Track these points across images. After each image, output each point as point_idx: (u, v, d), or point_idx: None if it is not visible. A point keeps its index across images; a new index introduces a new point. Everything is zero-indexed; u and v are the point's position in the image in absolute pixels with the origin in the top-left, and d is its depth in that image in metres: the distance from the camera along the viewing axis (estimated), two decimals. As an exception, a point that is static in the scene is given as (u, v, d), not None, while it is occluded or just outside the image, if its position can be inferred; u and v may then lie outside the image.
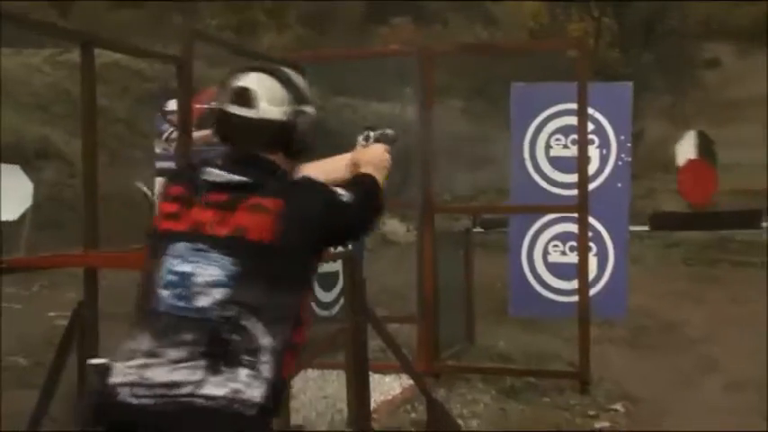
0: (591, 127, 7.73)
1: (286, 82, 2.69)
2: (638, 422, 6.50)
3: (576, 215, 7.14)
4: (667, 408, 6.76)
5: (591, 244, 7.73)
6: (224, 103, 2.65)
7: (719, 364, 8.15)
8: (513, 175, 8.44)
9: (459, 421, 6.30)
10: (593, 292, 7.74)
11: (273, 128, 2.64)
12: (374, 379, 7.05)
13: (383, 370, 6.85)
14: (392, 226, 17.11)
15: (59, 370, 5.00)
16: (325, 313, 7.83)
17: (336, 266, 7.61)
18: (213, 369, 2.27)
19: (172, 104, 10.87)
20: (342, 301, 6.66)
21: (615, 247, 8.11)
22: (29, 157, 14.16)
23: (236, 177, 2.53)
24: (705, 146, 20.81)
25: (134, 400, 2.25)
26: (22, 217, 11.11)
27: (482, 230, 14.85)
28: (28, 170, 11.99)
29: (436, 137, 7.80)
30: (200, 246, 2.43)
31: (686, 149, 20.54)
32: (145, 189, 12.76)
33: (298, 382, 6.98)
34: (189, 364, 2.27)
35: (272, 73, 2.70)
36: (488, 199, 17.54)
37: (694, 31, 33.61)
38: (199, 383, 2.25)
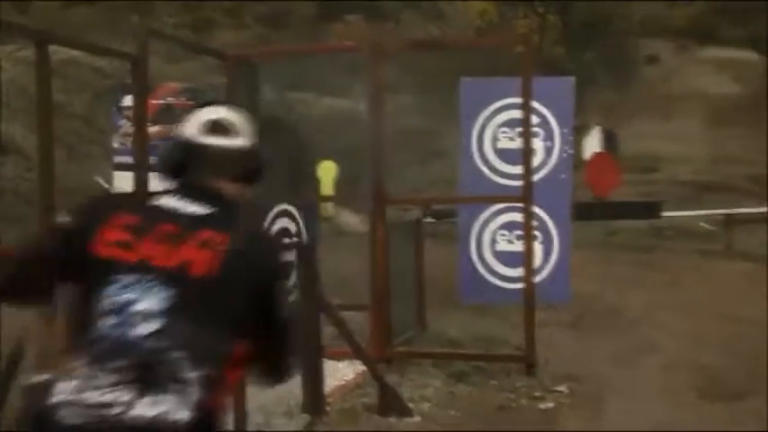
0: (536, 120, 7.87)
1: (244, 114, 2.65)
2: (582, 402, 6.58)
3: (521, 205, 7.19)
4: (609, 387, 6.84)
5: (536, 232, 7.85)
6: (196, 135, 2.57)
7: (658, 346, 8.27)
8: (462, 166, 8.49)
9: (410, 404, 6.33)
10: (538, 278, 7.86)
11: (248, 157, 2.60)
12: (328, 365, 7.07)
13: (337, 356, 6.84)
14: (345, 217, 17.15)
15: (10, 377, 4.82)
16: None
17: (291, 256, 7.60)
18: (141, 392, 2.26)
19: (128, 100, 10.84)
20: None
21: (559, 236, 8.19)
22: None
23: (191, 208, 2.47)
24: (609, 140, 21.31)
25: (69, 420, 2.25)
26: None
27: (432, 221, 14.93)
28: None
29: (388, 131, 7.81)
30: (147, 277, 2.37)
31: (592, 144, 21.08)
32: (103, 183, 12.66)
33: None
34: (119, 387, 2.26)
35: (230, 106, 2.67)
36: (439, 190, 17.61)
37: (635, 30, 34.03)
38: (129, 404, 2.25)
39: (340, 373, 7.03)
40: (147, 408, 2.25)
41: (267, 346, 2.51)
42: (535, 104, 7.67)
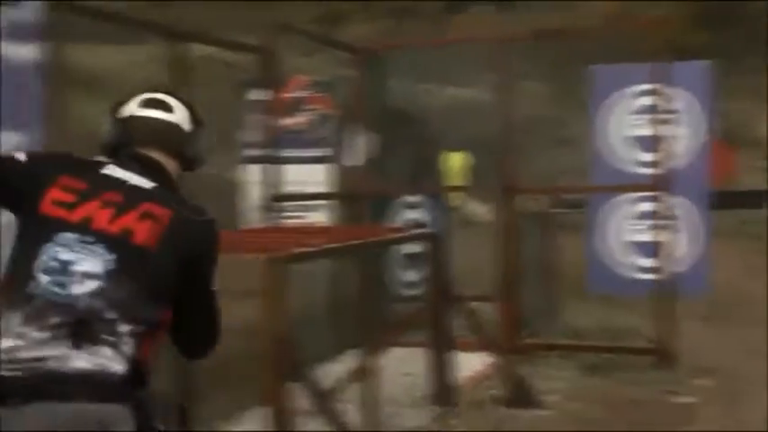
0: (673, 106, 7.57)
1: (186, 103, 2.81)
2: (718, 396, 6.31)
3: (654, 194, 6.94)
4: (745, 380, 6.54)
5: (674, 222, 7.57)
6: (137, 110, 2.71)
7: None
8: (592, 155, 8.26)
9: (541, 396, 6.19)
10: (676, 269, 7.55)
11: (182, 134, 2.73)
12: (459, 356, 6.99)
13: (466, 348, 6.74)
14: (473, 207, 17.01)
15: None
16: (409, 292, 7.76)
17: (421, 247, 7.54)
18: (76, 345, 2.36)
19: (258, 94, 10.97)
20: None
21: (698, 225, 7.85)
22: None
23: (136, 180, 2.59)
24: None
25: (5, 373, 2.34)
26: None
27: (562, 211, 14.61)
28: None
29: (516, 120, 7.66)
30: (88, 238, 2.47)
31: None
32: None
33: (379, 360, 6.94)
34: (53, 342, 2.36)
35: (173, 96, 2.81)
36: (568, 180, 17.26)
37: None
38: (63, 358, 2.35)
39: (469, 364, 6.94)
40: (83, 360, 2.35)
41: (189, 319, 2.62)
42: (671, 90, 7.44)
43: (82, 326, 2.38)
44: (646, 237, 7.74)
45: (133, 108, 2.72)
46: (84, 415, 2.34)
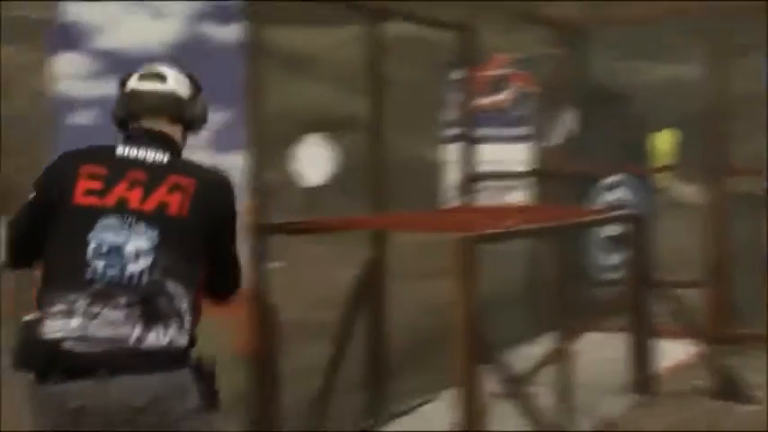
0: None
1: (184, 71, 2.98)
2: None
3: None
4: None
5: None
6: (136, 84, 2.89)
7: None
8: None
9: (750, 391, 5.80)
10: None
11: (179, 101, 2.89)
12: (660, 344, 6.66)
13: (669, 335, 6.40)
14: (682, 188, 16.28)
15: (352, 319, 5.08)
16: (610, 276, 7.47)
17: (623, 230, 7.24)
18: (148, 325, 2.60)
19: (460, 73, 10.90)
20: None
21: None
22: (335, 128, 14.60)
23: (152, 156, 2.77)
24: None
25: (79, 348, 2.57)
26: (326, 182, 11.38)
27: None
28: (334, 139, 12.30)
29: (728, 98, 7.22)
30: (128, 220, 2.66)
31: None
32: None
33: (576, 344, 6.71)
34: (128, 322, 2.59)
35: (172, 66, 3.00)
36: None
37: None
38: (139, 338, 2.58)
39: (672, 352, 6.60)
40: (157, 337, 2.61)
41: (219, 270, 2.88)
42: None
43: (148, 305, 2.62)
44: None
45: (133, 83, 2.90)
46: (169, 383, 2.63)
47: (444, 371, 4.46)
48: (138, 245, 2.64)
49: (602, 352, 6.67)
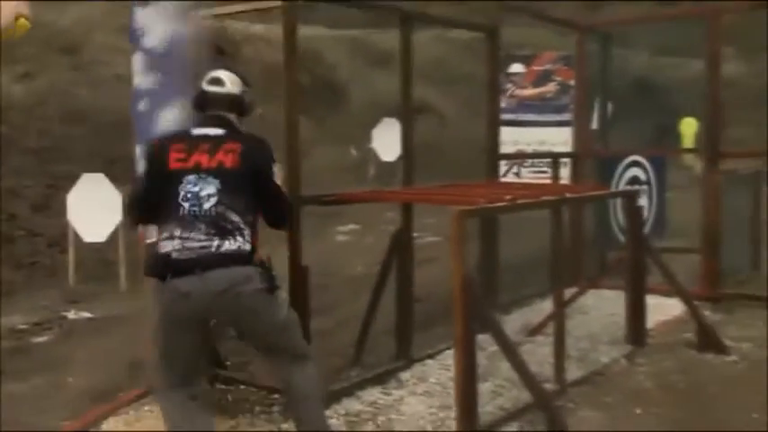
0: None
1: (238, 73, 3.68)
2: None
3: None
4: None
5: None
6: (203, 86, 3.63)
7: None
8: None
9: (732, 343, 5.53)
10: None
11: (233, 97, 3.64)
12: (658, 301, 6.41)
13: (669, 294, 6.15)
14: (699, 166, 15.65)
15: (385, 277, 5.02)
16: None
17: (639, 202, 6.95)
18: (223, 239, 3.33)
19: (514, 67, 10.69)
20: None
21: None
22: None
23: (213, 131, 3.51)
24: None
25: (182, 256, 3.31)
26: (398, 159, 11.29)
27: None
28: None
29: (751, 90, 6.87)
30: (201, 175, 3.39)
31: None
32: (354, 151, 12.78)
33: (590, 300, 6.51)
34: (208, 238, 3.32)
35: (230, 69, 3.70)
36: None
37: None
38: (219, 246, 3.33)
39: (668, 309, 6.35)
40: (229, 245, 3.34)
41: (271, 204, 3.56)
42: None
43: (219, 227, 3.33)
44: None
45: (204, 84, 3.64)
46: (241, 273, 3.33)
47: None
48: (208, 191, 3.35)
49: (611, 307, 6.46)
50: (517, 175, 9.84)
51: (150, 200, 3.45)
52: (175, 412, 3.41)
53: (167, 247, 3.32)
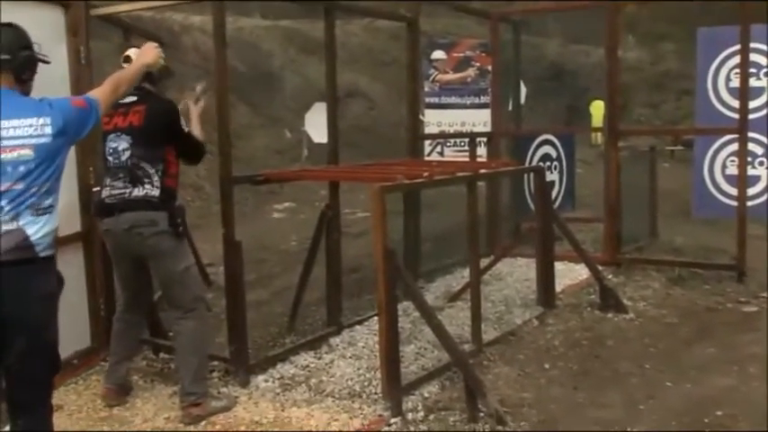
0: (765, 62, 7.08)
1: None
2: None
3: (737, 135, 6.25)
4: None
5: (763, 159, 7.01)
6: (122, 63, 3.81)
7: None
8: (698, 103, 7.92)
9: (630, 302, 5.74)
10: (760, 199, 7.03)
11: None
12: (567, 267, 6.61)
13: (576, 260, 6.34)
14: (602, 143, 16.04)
15: (314, 251, 5.04)
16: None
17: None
18: (134, 186, 3.79)
19: (436, 54, 10.77)
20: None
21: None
22: (340, 97, 14.46)
23: (129, 98, 3.83)
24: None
25: (109, 201, 3.84)
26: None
27: (683, 148, 13.62)
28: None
29: (650, 74, 7.04)
30: (118, 133, 3.86)
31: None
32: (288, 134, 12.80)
33: (505, 267, 6.67)
34: (125, 185, 3.80)
35: (139, 47, 3.81)
36: (690, 123, 16.05)
37: None
38: (130, 192, 3.79)
39: (575, 274, 6.55)
40: (137, 191, 3.78)
41: (183, 148, 3.92)
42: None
43: (133, 175, 3.78)
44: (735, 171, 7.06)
45: (122, 60, 3.86)
46: (145, 217, 3.76)
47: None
48: (123, 145, 3.81)
49: (522, 274, 6.64)
50: (441, 154, 9.94)
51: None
52: (114, 332, 4.14)
53: (103, 193, 3.88)
